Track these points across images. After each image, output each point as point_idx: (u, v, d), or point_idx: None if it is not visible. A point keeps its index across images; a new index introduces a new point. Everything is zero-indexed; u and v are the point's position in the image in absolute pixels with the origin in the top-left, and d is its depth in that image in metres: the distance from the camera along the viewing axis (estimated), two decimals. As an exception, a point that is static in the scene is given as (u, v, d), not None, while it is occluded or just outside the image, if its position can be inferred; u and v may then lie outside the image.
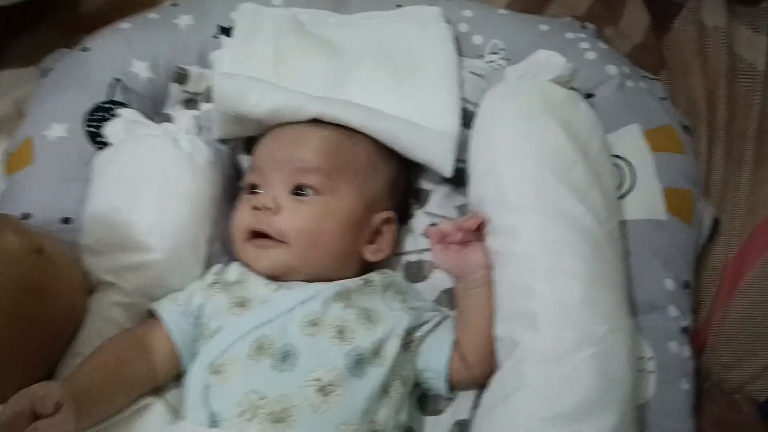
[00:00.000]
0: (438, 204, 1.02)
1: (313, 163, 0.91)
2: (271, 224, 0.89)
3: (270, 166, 0.93)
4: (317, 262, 0.90)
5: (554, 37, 1.14)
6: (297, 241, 0.88)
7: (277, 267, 0.89)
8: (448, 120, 1.02)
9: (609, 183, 0.94)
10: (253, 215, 0.90)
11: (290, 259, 0.89)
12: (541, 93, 0.96)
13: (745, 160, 1.15)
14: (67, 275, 0.86)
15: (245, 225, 0.91)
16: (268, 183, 0.92)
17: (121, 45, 1.10)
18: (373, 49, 1.11)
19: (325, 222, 0.89)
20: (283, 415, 0.76)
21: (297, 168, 0.91)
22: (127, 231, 0.91)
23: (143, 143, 0.97)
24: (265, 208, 0.89)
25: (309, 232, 0.89)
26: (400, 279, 0.96)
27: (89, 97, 1.05)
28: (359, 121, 0.96)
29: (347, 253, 0.92)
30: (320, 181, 0.90)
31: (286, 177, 0.91)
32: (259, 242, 0.90)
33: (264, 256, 0.90)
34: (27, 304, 0.77)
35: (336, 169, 0.92)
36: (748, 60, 1.23)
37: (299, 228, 0.88)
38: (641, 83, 1.11)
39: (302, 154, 0.92)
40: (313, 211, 0.89)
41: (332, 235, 0.90)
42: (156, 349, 0.84)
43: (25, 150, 1.01)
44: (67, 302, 0.85)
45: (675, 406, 0.88)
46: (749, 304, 1.06)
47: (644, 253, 0.95)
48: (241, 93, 0.96)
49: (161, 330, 0.85)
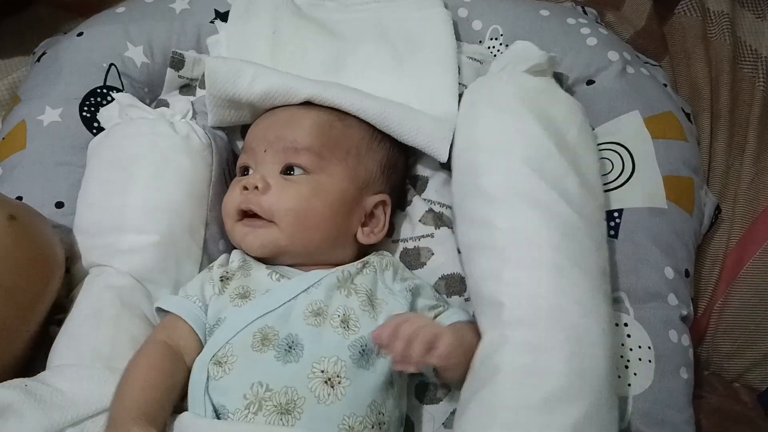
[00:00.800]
0: (436, 190, 1.01)
1: (304, 143, 0.90)
2: (259, 203, 0.88)
3: (261, 147, 0.92)
4: (308, 242, 0.89)
5: (555, 23, 1.12)
6: (285, 220, 0.88)
7: (266, 246, 0.88)
8: (447, 103, 1.01)
9: (590, 167, 0.93)
10: (242, 195, 0.89)
11: (280, 238, 0.88)
12: (516, 85, 0.96)
13: (748, 148, 1.14)
14: (39, 247, 0.84)
15: (235, 205, 0.90)
16: (259, 163, 0.91)
17: (115, 29, 1.10)
18: (372, 33, 1.10)
19: (315, 201, 0.89)
20: (289, 407, 0.75)
21: (287, 147, 0.90)
22: (121, 213, 0.91)
23: (138, 126, 0.97)
24: (254, 187, 0.88)
25: (297, 211, 0.88)
26: (398, 261, 0.95)
27: (83, 82, 1.04)
28: (352, 103, 0.95)
29: (339, 234, 0.91)
30: (310, 160, 0.90)
31: (277, 157, 0.90)
32: (249, 221, 0.89)
33: (253, 235, 0.89)
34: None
35: (327, 148, 0.91)
36: (752, 46, 1.22)
37: (287, 206, 0.88)
38: (643, 69, 1.10)
39: (293, 134, 0.91)
40: (302, 189, 0.89)
41: (322, 215, 0.89)
42: (187, 350, 0.82)
43: (19, 134, 1.01)
44: (38, 274, 0.83)
45: (674, 395, 0.87)
46: (750, 293, 1.06)
47: (644, 241, 0.94)
48: (233, 76, 0.95)
49: (186, 328, 0.83)
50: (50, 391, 0.77)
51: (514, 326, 0.80)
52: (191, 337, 0.83)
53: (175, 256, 0.91)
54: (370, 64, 1.06)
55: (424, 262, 0.97)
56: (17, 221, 0.80)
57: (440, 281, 0.96)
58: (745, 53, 1.21)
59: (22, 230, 0.81)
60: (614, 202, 0.97)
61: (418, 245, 0.98)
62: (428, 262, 0.97)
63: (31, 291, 0.82)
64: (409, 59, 1.06)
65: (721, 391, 1.01)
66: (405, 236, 0.99)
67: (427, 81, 1.04)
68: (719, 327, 1.04)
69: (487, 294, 0.84)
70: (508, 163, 0.89)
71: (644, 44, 1.23)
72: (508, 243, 0.85)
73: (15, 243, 0.79)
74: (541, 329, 0.79)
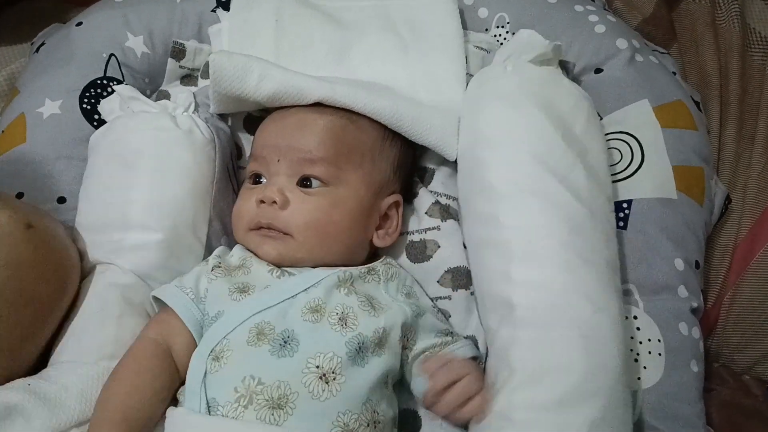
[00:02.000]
0: (442, 182, 1.01)
1: (319, 153, 0.88)
2: (278, 218, 0.87)
3: (274, 155, 0.90)
4: (327, 252, 0.88)
5: (562, 10, 1.10)
6: (304, 234, 0.86)
7: (284, 256, 0.87)
8: (455, 91, 1.00)
9: (597, 158, 0.92)
10: (259, 209, 0.88)
11: (298, 250, 0.87)
12: (521, 75, 0.94)
13: (758, 136, 1.13)
14: (57, 253, 0.84)
15: (251, 218, 0.89)
16: (272, 173, 0.90)
17: (115, 19, 1.08)
18: (377, 21, 1.08)
19: (334, 213, 0.87)
20: (281, 402, 0.74)
21: (302, 158, 0.88)
22: (124, 210, 0.90)
23: (140, 120, 0.95)
24: (272, 202, 0.87)
25: (317, 225, 0.87)
26: (404, 273, 0.93)
27: (83, 73, 1.03)
28: (364, 104, 0.93)
29: (357, 241, 0.90)
30: (326, 170, 0.88)
31: (292, 168, 0.88)
32: (265, 232, 0.88)
33: (270, 245, 0.87)
34: (15, 280, 0.76)
35: (342, 156, 0.89)
36: (761, 32, 1.20)
37: (307, 222, 0.86)
38: (652, 57, 1.08)
39: (306, 142, 0.89)
40: (321, 203, 0.87)
41: (341, 226, 0.88)
42: (177, 347, 0.82)
43: (18, 127, 0.99)
44: (57, 280, 0.83)
45: (685, 388, 0.87)
46: (759, 284, 1.05)
47: (654, 232, 0.93)
48: (240, 74, 0.93)
49: (177, 323, 0.83)
50: (55, 389, 0.77)
51: (525, 325, 0.79)
52: (183, 332, 0.82)
53: (178, 253, 0.90)
54: (375, 53, 1.05)
55: (431, 255, 0.96)
56: (35, 229, 0.80)
57: (446, 274, 0.95)
58: (755, 40, 1.19)
59: (40, 238, 0.81)
60: (623, 192, 0.96)
61: (425, 238, 0.97)
62: (434, 255, 0.96)
63: (51, 297, 0.82)
64: (415, 47, 1.05)
65: (732, 383, 1.00)
66: (411, 229, 0.98)
67: (433, 69, 1.03)
68: (729, 319, 1.03)
69: (495, 292, 0.84)
70: (514, 157, 0.88)
71: (652, 31, 1.21)
72: (515, 239, 0.84)
73: (34, 251, 0.79)
74: (552, 327, 0.78)
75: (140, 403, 0.76)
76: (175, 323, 0.83)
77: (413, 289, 0.91)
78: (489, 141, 0.91)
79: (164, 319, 0.84)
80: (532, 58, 0.96)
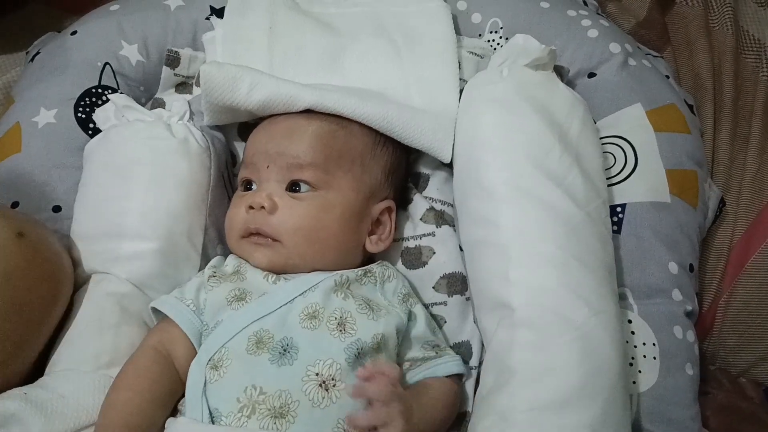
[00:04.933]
0: (437, 188, 1.01)
1: (308, 158, 0.89)
2: (267, 223, 0.87)
3: (263, 161, 0.90)
4: (318, 257, 0.88)
5: (555, 15, 1.10)
6: (294, 239, 0.87)
7: (276, 262, 0.87)
8: (448, 96, 1.00)
9: (593, 162, 0.92)
10: (249, 214, 0.88)
11: (288, 256, 0.87)
12: (517, 80, 0.95)
13: (752, 139, 1.13)
14: (49, 262, 0.84)
15: (241, 224, 0.89)
16: (263, 179, 0.90)
17: (110, 27, 1.08)
18: (370, 26, 1.08)
19: (324, 218, 0.87)
20: (283, 411, 0.75)
21: (291, 163, 0.88)
22: (120, 219, 0.90)
23: (135, 129, 0.95)
24: (260, 207, 0.87)
25: (306, 230, 0.87)
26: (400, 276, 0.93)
27: (78, 82, 1.03)
28: (353, 109, 0.93)
29: (349, 246, 0.90)
30: (315, 175, 0.88)
31: (281, 173, 0.89)
32: (256, 239, 0.88)
33: (261, 252, 0.87)
34: (6, 289, 0.76)
35: (331, 161, 0.89)
36: (755, 35, 1.20)
37: (296, 226, 0.86)
38: (645, 61, 1.08)
39: (296, 148, 0.89)
40: (310, 207, 0.87)
41: (331, 231, 0.88)
42: (179, 355, 0.82)
43: (14, 137, 0.99)
44: (49, 289, 0.83)
45: (680, 392, 0.87)
46: (755, 286, 1.05)
47: (648, 236, 0.93)
48: (230, 84, 0.93)
49: (178, 334, 0.83)
50: (52, 398, 0.77)
51: (522, 327, 0.79)
52: (184, 342, 0.83)
53: (174, 262, 0.91)
54: (368, 58, 1.05)
55: (426, 261, 0.96)
56: (26, 238, 0.80)
57: (441, 280, 0.95)
58: (748, 43, 1.20)
59: (32, 246, 0.81)
60: (617, 196, 0.96)
61: (420, 244, 0.97)
62: (429, 261, 0.96)
63: (43, 305, 0.82)
64: (408, 52, 1.05)
65: (728, 386, 1.00)
66: (406, 235, 0.98)
67: (427, 74, 1.03)
68: (725, 322, 1.03)
69: (493, 294, 0.84)
70: (510, 160, 0.88)
71: (646, 35, 1.21)
72: (512, 241, 0.84)
73: (26, 260, 0.79)
74: (550, 330, 0.78)
75: (140, 408, 0.76)
76: (176, 333, 0.83)
77: (408, 293, 0.91)
78: (486, 144, 0.91)
79: (165, 329, 0.84)
80: (528, 62, 0.96)
